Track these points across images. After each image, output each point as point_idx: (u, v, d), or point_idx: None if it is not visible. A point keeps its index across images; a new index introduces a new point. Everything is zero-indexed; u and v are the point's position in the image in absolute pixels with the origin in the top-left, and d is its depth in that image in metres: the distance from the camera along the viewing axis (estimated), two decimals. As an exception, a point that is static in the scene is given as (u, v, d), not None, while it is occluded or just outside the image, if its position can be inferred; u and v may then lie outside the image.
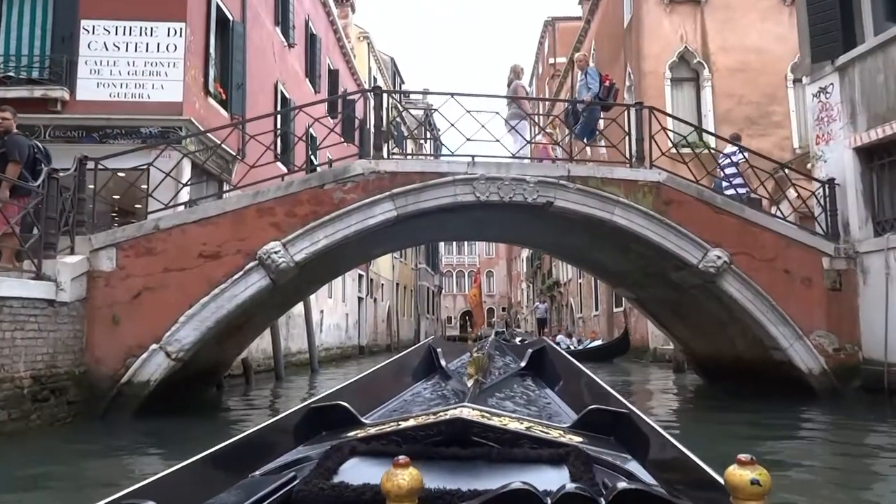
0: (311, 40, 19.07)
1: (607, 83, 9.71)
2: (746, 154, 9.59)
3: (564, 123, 9.52)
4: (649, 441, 1.97)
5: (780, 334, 8.65)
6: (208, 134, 10.08)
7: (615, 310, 23.15)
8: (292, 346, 17.24)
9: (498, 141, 8.42)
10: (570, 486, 1.30)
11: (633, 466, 1.79)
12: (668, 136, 9.22)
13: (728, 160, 9.78)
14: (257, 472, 1.77)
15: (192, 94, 10.65)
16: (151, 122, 10.09)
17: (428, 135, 32.50)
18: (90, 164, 7.70)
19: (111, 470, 5.45)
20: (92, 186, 7.85)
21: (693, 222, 8.60)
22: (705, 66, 18.22)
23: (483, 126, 8.46)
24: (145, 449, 6.40)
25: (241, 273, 7.53)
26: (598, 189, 8.41)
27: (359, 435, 1.85)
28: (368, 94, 8.60)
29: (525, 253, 54.68)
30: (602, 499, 1.30)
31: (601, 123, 10.39)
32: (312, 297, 18.28)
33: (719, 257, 8.49)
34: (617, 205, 8.42)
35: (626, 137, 9.10)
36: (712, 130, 15.37)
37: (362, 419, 2.16)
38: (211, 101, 11.44)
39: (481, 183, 8.11)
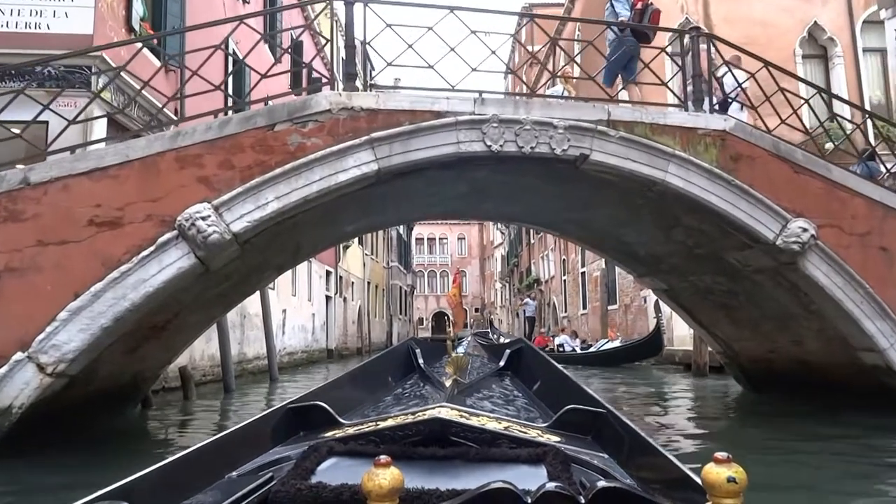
0: (272, 1, 16.72)
1: (640, 5, 7.52)
2: None
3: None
4: (626, 440, 1.92)
5: (878, 331, 6.62)
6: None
7: (609, 307, 21.20)
8: (248, 350, 14.83)
9: (514, 73, 6.23)
10: (550, 485, 1.30)
11: (611, 465, 1.79)
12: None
13: None
14: (234, 473, 1.76)
15: (106, 27, 8.26)
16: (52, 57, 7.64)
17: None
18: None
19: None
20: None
21: (767, 184, 6.52)
22: (712, 37, 16.45)
23: (493, 52, 6.26)
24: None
25: (152, 248, 5.21)
26: (647, 138, 6.28)
27: (337, 435, 1.85)
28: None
29: (499, 252, 52.87)
30: (581, 497, 1.29)
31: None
32: (273, 294, 15.91)
33: (805, 230, 6.41)
34: (672, 160, 6.29)
35: (680, 73, 7.00)
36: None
37: (340, 419, 2.15)
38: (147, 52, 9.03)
39: (493, 127, 5.91)
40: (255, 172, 5.47)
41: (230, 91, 11.01)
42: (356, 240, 29.19)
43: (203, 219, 5.20)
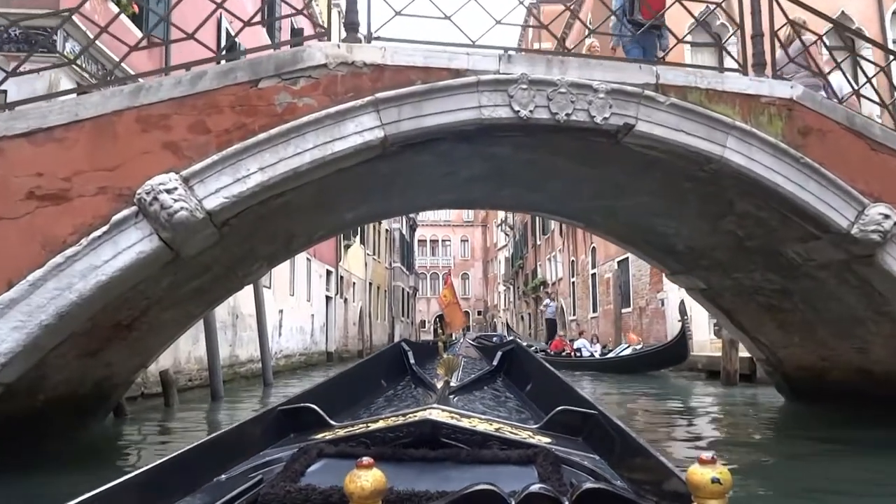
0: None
1: None
2: None
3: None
4: (617, 441, 1.93)
5: (969, 338, 5.67)
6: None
7: (623, 310, 20.18)
8: (241, 353, 13.86)
9: (546, 27, 5.26)
10: (535, 487, 1.29)
11: (601, 466, 1.79)
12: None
13: None
14: (224, 476, 1.75)
15: (77, -14, 7.30)
16: (11, 17, 6.70)
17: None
18: None
19: None
20: None
21: (841, 163, 5.55)
22: (729, 29, 15.44)
23: (521, 3, 5.30)
24: None
25: (105, 228, 4.24)
26: (702, 106, 5.31)
27: (327, 437, 1.87)
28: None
29: (503, 254, 51.85)
30: (565, 499, 1.28)
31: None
32: (269, 292, 14.94)
33: (886, 217, 5.43)
34: (731, 132, 5.32)
35: (738, 32, 6.05)
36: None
37: (331, 421, 2.15)
38: (113, 6, 8.09)
39: (522, 89, 4.93)
40: (235, 138, 4.50)
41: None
42: (358, 239, 28.27)
43: (168, 192, 4.23)
